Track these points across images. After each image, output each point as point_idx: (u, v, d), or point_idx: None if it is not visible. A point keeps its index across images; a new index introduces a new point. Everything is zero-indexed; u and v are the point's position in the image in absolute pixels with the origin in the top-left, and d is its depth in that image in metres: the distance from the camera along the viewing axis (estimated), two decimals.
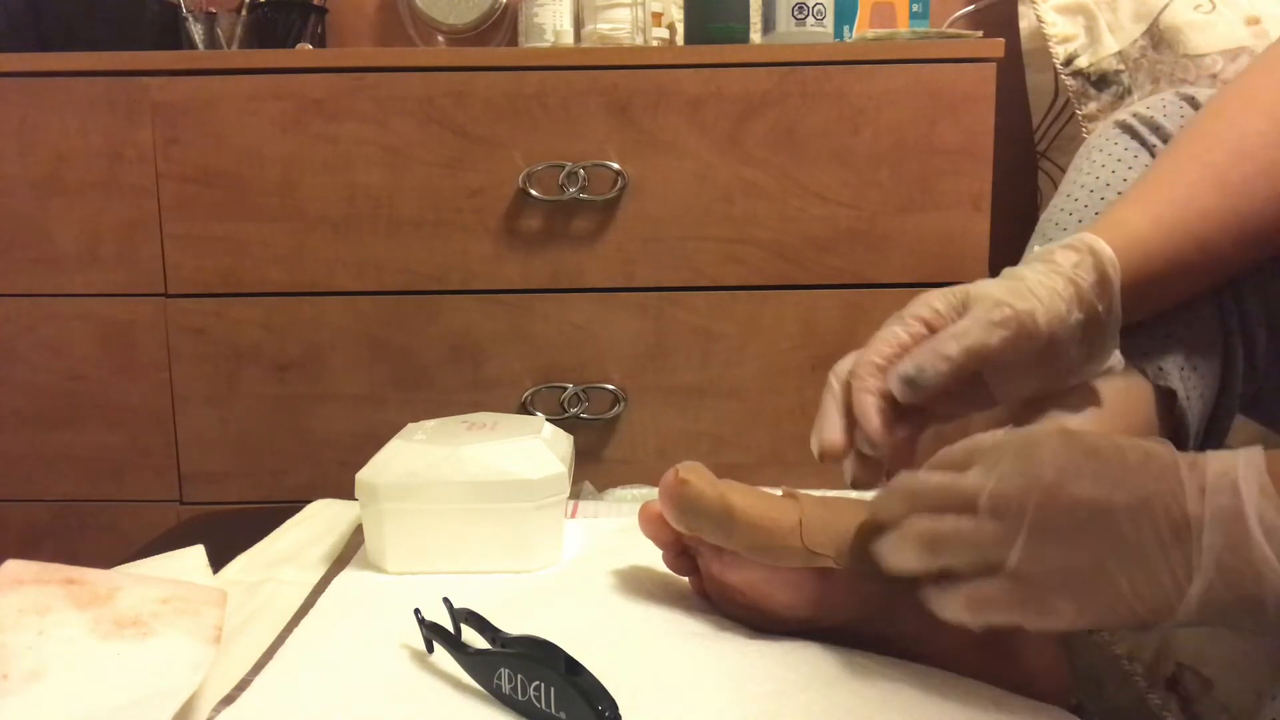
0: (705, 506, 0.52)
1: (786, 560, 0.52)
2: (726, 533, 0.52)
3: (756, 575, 0.52)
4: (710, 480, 0.53)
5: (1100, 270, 0.52)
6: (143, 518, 1.06)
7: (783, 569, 0.52)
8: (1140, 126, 0.67)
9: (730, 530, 0.52)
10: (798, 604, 0.52)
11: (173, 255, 1.04)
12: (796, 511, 0.52)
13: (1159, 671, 0.78)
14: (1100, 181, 0.66)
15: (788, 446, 1.05)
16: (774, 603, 0.52)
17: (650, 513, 0.56)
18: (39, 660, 0.46)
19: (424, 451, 0.63)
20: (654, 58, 1.03)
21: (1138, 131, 0.67)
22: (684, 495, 0.53)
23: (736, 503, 0.52)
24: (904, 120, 1.02)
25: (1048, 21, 1.23)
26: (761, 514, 0.52)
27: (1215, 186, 0.56)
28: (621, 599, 0.57)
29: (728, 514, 0.52)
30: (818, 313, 1.04)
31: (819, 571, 0.52)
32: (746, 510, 0.52)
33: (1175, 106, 0.67)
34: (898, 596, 0.49)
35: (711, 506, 0.52)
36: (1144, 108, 0.68)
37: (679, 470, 0.54)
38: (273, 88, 1.02)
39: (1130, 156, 0.66)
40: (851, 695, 0.47)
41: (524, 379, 1.05)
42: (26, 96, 1.02)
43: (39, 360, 1.05)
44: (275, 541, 0.71)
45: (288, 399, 1.05)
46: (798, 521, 0.52)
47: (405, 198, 1.03)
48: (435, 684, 0.49)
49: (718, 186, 1.03)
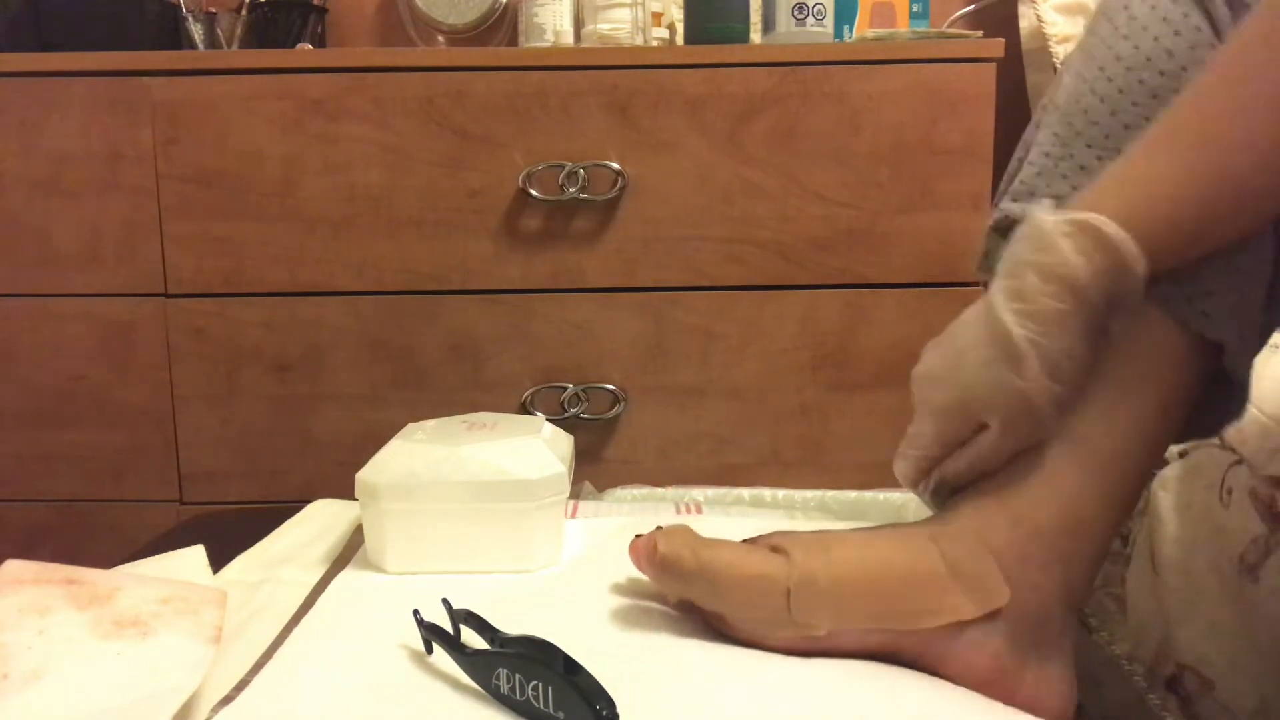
0: (688, 577, 0.51)
1: (776, 630, 0.49)
2: (713, 601, 0.51)
3: (747, 637, 0.51)
4: (693, 547, 0.51)
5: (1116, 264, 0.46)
6: (143, 518, 1.06)
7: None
8: None
9: (716, 599, 0.50)
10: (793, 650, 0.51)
11: (173, 255, 1.04)
12: (785, 579, 0.49)
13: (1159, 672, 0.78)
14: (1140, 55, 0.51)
15: (788, 446, 1.05)
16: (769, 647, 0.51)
17: (639, 550, 0.54)
18: (39, 660, 0.46)
19: (424, 451, 0.63)
20: (654, 58, 1.03)
21: None
22: (664, 567, 0.51)
23: (720, 572, 0.50)
24: (904, 120, 1.02)
25: (1048, 21, 1.23)
26: (748, 585, 0.49)
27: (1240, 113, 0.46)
28: (621, 599, 0.57)
29: (711, 584, 0.50)
30: (818, 313, 1.04)
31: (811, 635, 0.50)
32: (731, 582, 0.50)
33: None
34: (897, 643, 0.49)
35: (694, 577, 0.51)
36: None
37: (657, 540, 0.52)
38: (273, 88, 1.02)
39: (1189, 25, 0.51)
40: (852, 696, 0.47)
41: (524, 379, 1.05)
42: (26, 96, 1.02)
43: (39, 360, 1.05)
44: (275, 541, 0.71)
45: (288, 399, 1.05)
46: (786, 592, 0.49)
47: (405, 198, 1.03)
48: (434, 684, 0.49)
49: (718, 186, 1.02)
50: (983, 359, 0.48)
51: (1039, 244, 0.47)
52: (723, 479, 1.02)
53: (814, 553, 0.50)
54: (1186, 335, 0.49)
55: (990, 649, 0.48)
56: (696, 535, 0.53)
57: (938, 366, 0.51)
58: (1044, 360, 0.47)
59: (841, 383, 1.04)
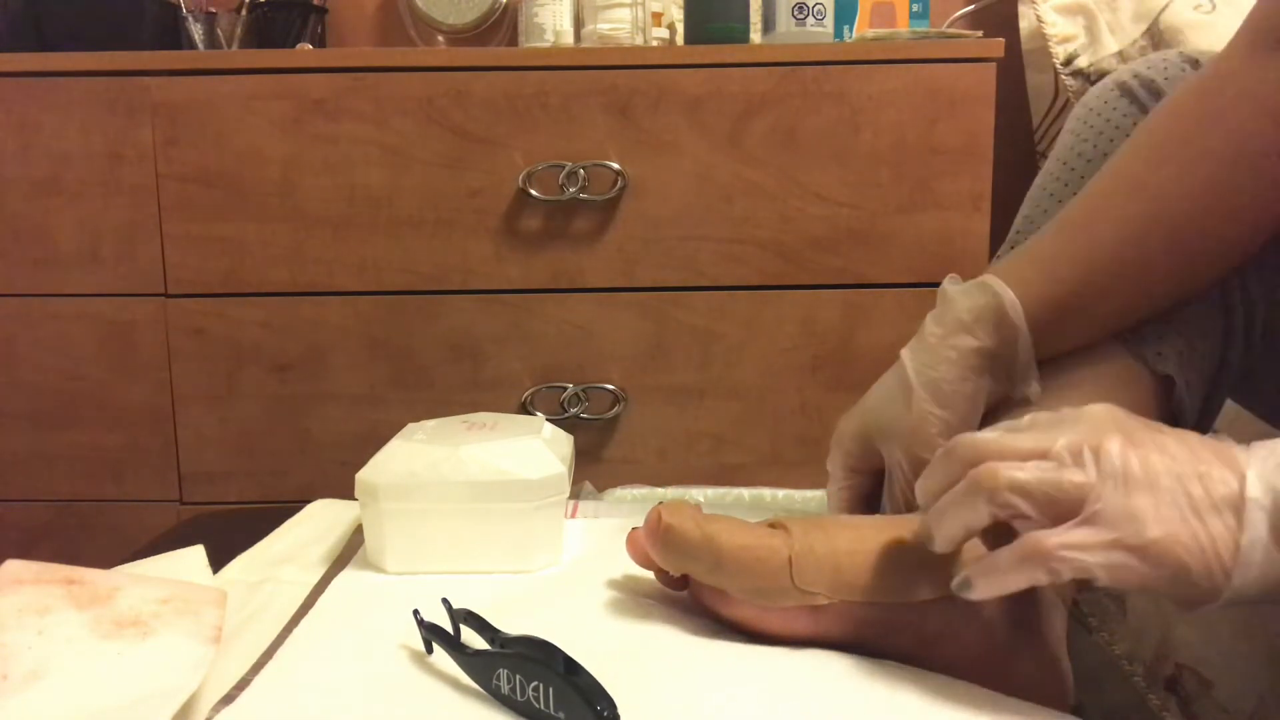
0: (691, 549, 0.51)
1: (778, 600, 0.50)
2: (715, 574, 0.51)
3: (749, 612, 0.51)
4: (696, 520, 0.52)
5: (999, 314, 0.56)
6: (143, 518, 1.06)
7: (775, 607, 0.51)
8: (1140, 89, 0.65)
9: (718, 572, 0.51)
10: (792, 634, 0.51)
11: (173, 255, 1.04)
12: (786, 548, 0.50)
13: (1158, 672, 0.78)
14: (1097, 150, 0.64)
15: (788, 446, 1.05)
16: (769, 633, 0.51)
17: (637, 542, 0.55)
18: (39, 660, 0.46)
19: (424, 451, 0.63)
20: (654, 58, 1.03)
21: (1137, 95, 0.65)
22: (668, 539, 0.52)
23: (723, 544, 0.51)
24: (904, 120, 1.02)
25: (1048, 21, 1.23)
26: (750, 554, 0.50)
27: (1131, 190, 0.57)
28: (621, 599, 0.57)
29: (715, 556, 0.51)
30: (818, 313, 1.04)
31: (813, 606, 0.50)
32: (734, 552, 0.50)
33: (1177, 68, 0.64)
34: (894, 619, 0.49)
35: (698, 549, 0.51)
36: (1145, 67, 0.66)
37: (661, 512, 0.52)
38: (273, 88, 1.02)
39: (1128, 123, 0.64)
40: (853, 696, 0.47)
41: (524, 379, 1.05)
42: (26, 96, 1.02)
43: (39, 360, 1.05)
44: (275, 541, 0.70)
45: (288, 399, 1.05)
46: (787, 560, 0.50)
47: (405, 198, 1.03)
48: (434, 684, 0.49)
49: (718, 186, 1.03)
50: (883, 392, 0.59)
51: (940, 301, 0.58)
52: (722, 479, 1.02)
53: (812, 529, 0.52)
54: (1145, 369, 0.58)
55: (983, 623, 0.49)
56: (698, 510, 0.53)
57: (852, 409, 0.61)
58: (931, 390, 0.56)
59: (841, 383, 1.04)
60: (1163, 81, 0.64)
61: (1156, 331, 0.58)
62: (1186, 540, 0.41)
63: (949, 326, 0.56)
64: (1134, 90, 0.65)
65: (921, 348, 0.57)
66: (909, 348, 0.58)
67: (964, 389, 0.56)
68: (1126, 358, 0.58)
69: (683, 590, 0.56)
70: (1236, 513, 0.40)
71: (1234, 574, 0.41)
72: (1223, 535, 0.41)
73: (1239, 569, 0.40)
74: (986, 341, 0.56)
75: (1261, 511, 0.40)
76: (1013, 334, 0.56)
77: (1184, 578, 0.41)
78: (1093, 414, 0.44)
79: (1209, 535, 0.41)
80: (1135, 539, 0.41)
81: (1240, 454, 0.42)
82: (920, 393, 0.56)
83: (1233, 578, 0.41)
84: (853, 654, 0.51)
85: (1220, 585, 0.41)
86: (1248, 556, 0.40)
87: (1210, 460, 0.42)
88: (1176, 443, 0.42)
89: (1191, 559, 0.41)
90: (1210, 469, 0.41)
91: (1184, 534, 0.41)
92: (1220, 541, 0.41)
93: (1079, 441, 0.42)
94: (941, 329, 0.57)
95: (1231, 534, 0.41)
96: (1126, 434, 0.42)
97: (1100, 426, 0.43)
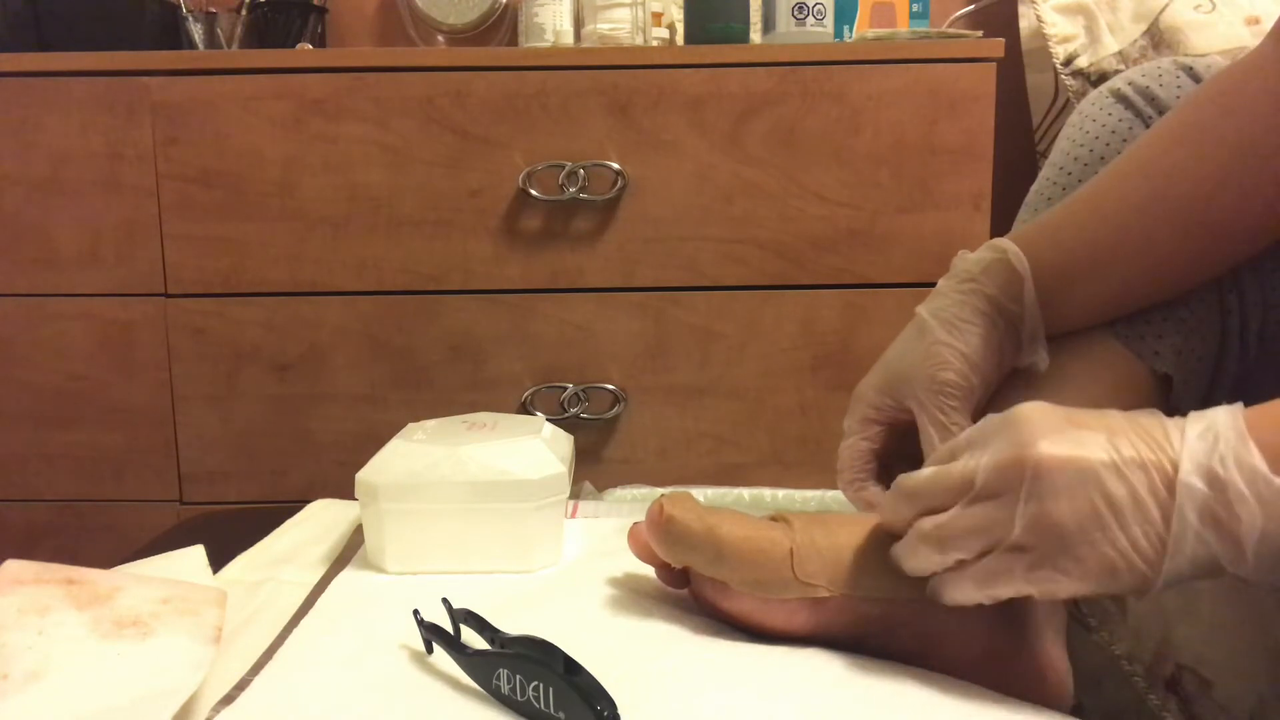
0: (693, 541, 0.51)
1: (779, 592, 0.50)
2: (716, 566, 0.51)
3: (750, 605, 0.51)
4: (698, 512, 0.52)
5: (1006, 265, 0.58)
6: (143, 518, 1.06)
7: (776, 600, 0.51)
8: (1135, 96, 0.65)
9: (720, 563, 0.51)
10: (793, 628, 0.51)
11: (173, 255, 1.04)
12: (788, 540, 0.51)
13: (1158, 672, 0.78)
14: (1094, 155, 0.65)
15: (788, 446, 1.05)
16: (769, 627, 0.52)
17: (638, 536, 0.55)
18: (39, 660, 0.46)
19: (424, 451, 0.63)
20: (654, 58, 1.03)
21: (1132, 102, 0.65)
22: (671, 530, 0.52)
23: (725, 535, 0.51)
24: (904, 120, 1.02)
25: (1048, 21, 1.23)
26: (752, 546, 0.51)
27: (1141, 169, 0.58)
28: (621, 599, 0.57)
29: (716, 548, 0.51)
30: (818, 313, 1.04)
31: (814, 599, 0.51)
32: (736, 543, 0.51)
33: (1172, 76, 0.65)
34: (895, 615, 0.49)
35: (699, 540, 0.51)
36: (1140, 75, 0.66)
37: (664, 504, 0.53)
38: (273, 88, 1.02)
39: (1125, 129, 0.65)
40: (853, 695, 0.47)
41: (524, 379, 1.05)
42: (26, 96, 1.02)
43: (39, 360, 1.05)
44: (275, 541, 0.71)
45: (288, 399, 1.05)
46: (789, 552, 0.50)
47: (405, 198, 1.03)
48: (434, 684, 0.49)
49: (718, 186, 1.03)
50: (900, 344, 0.60)
51: (955, 263, 0.61)
52: (722, 479, 1.02)
53: (814, 523, 0.53)
54: (1143, 367, 0.59)
55: (983, 622, 0.49)
56: (700, 503, 0.54)
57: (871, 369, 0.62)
58: (944, 324, 0.57)
59: (841, 383, 1.04)
60: (1158, 89, 0.65)
61: (1154, 330, 0.59)
62: (1108, 547, 0.41)
63: (959, 277, 0.59)
64: (1130, 98, 0.66)
65: (934, 296, 0.60)
66: (923, 303, 0.60)
67: (975, 326, 0.57)
68: (1124, 355, 0.59)
69: (683, 588, 0.56)
70: (1162, 505, 0.41)
71: (1164, 565, 0.41)
72: (1148, 532, 0.41)
73: (1169, 558, 0.41)
74: (993, 289, 0.58)
75: (1191, 499, 0.40)
76: (1018, 286, 0.58)
77: (1112, 580, 0.42)
78: (1017, 421, 0.44)
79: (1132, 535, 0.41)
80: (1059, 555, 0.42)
81: (1174, 434, 0.42)
82: (933, 324, 0.58)
83: (1162, 570, 0.41)
84: (853, 654, 0.51)
85: (1150, 578, 0.42)
86: (1177, 546, 0.41)
87: (1138, 445, 0.42)
88: (1104, 437, 0.43)
89: (1118, 560, 0.42)
90: (1139, 455, 0.42)
91: (1105, 540, 0.41)
92: (1146, 538, 0.41)
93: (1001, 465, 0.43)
94: (952, 281, 0.60)
95: (1156, 529, 0.41)
96: (1051, 437, 0.43)
97: (1022, 438, 0.43)
